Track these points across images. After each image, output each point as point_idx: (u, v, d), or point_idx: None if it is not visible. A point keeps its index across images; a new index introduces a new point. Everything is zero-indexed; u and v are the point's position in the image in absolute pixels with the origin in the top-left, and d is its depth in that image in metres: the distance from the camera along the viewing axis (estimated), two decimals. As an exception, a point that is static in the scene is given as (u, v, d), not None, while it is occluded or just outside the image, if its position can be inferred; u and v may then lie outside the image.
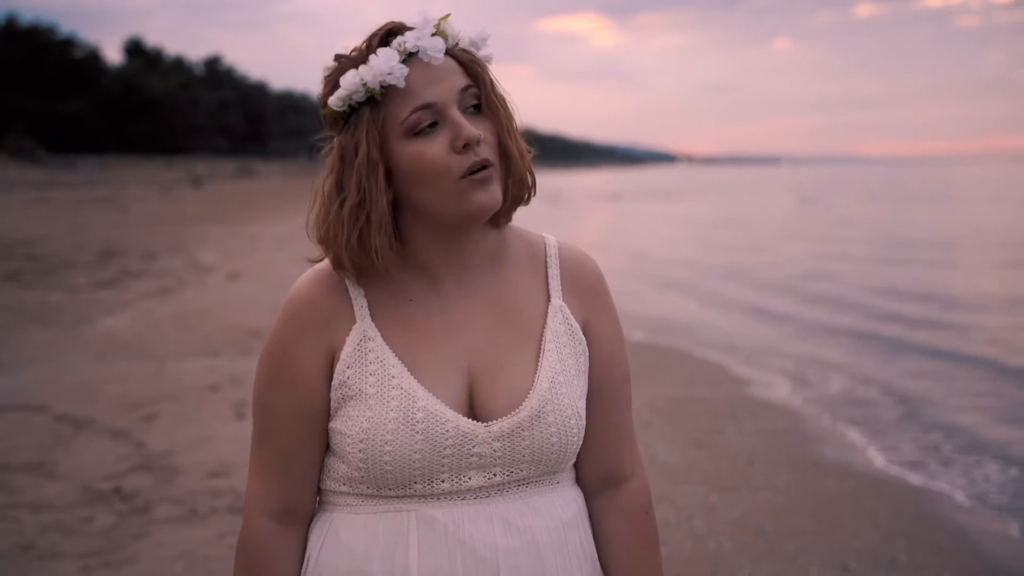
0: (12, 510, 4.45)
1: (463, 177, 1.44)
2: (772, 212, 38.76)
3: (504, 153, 1.51)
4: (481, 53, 1.53)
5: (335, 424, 1.51)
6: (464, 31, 1.52)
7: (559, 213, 35.03)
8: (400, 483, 1.48)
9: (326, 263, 1.54)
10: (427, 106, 1.44)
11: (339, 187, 1.46)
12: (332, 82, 1.49)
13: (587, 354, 1.61)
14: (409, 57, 1.45)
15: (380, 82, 1.43)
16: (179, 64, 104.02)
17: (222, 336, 8.72)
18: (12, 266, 12.82)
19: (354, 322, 1.52)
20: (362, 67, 1.44)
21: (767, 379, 8.20)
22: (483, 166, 1.46)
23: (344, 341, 1.51)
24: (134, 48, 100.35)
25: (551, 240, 1.66)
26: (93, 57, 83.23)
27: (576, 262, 1.65)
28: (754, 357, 9.23)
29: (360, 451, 1.47)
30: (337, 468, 1.54)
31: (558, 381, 1.54)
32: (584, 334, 1.61)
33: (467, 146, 1.44)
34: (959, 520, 4.94)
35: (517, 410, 1.50)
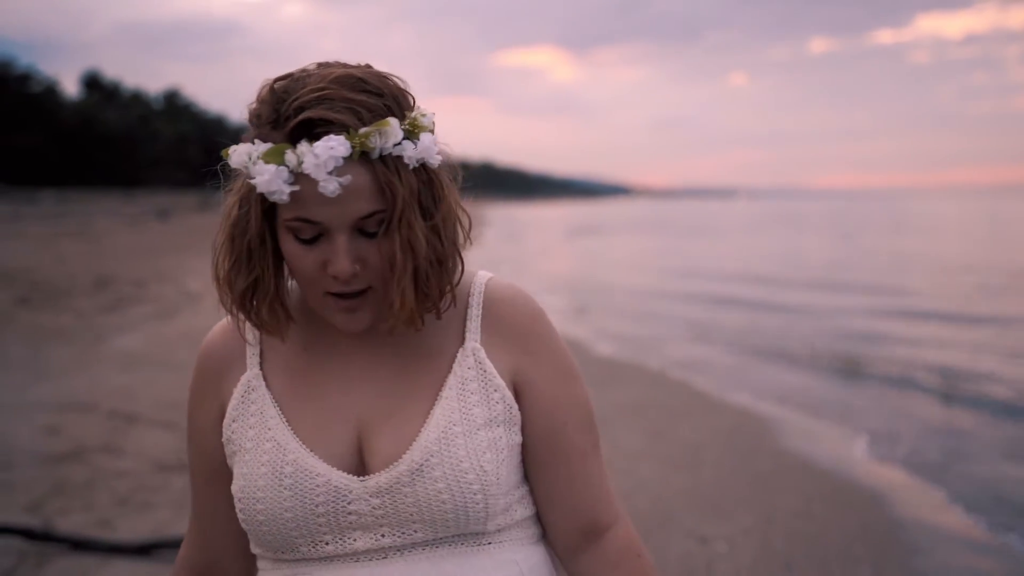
0: (100, 479, 5.46)
1: (329, 294, 1.33)
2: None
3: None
4: (422, 158, 1.31)
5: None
6: (408, 145, 1.29)
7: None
8: (284, 545, 1.38)
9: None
10: (311, 222, 1.28)
11: (232, 248, 1.35)
12: (251, 116, 1.33)
13: (508, 402, 1.43)
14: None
15: (261, 191, 1.27)
16: (137, 97, 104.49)
17: (230, 352, 9.73)
18: (20, 293, 13.76)
19: (244, 371, 1.44)
20: (257, 149, 1.28)
21: (718, 385, 9.36)
22: (354, 294, 1.33)
23: (232, 393, 1.43)
24: (92, 81, 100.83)
25: (480, 279, 1.49)
26: (51, 91, 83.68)
27: (504, 301, 1.47)
28: (707, 370, 10.42)
29: (240, 511, 1.38)
30: None
31: (453, 432, 1.37)
32: (516, 381, 1.45)
33: (335, 276, 1.30)
34: (867, 483, 6.09)
35: (395, 463, 1.36)
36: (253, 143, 1.29)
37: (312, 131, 1.25)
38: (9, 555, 4.32)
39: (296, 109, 1.25)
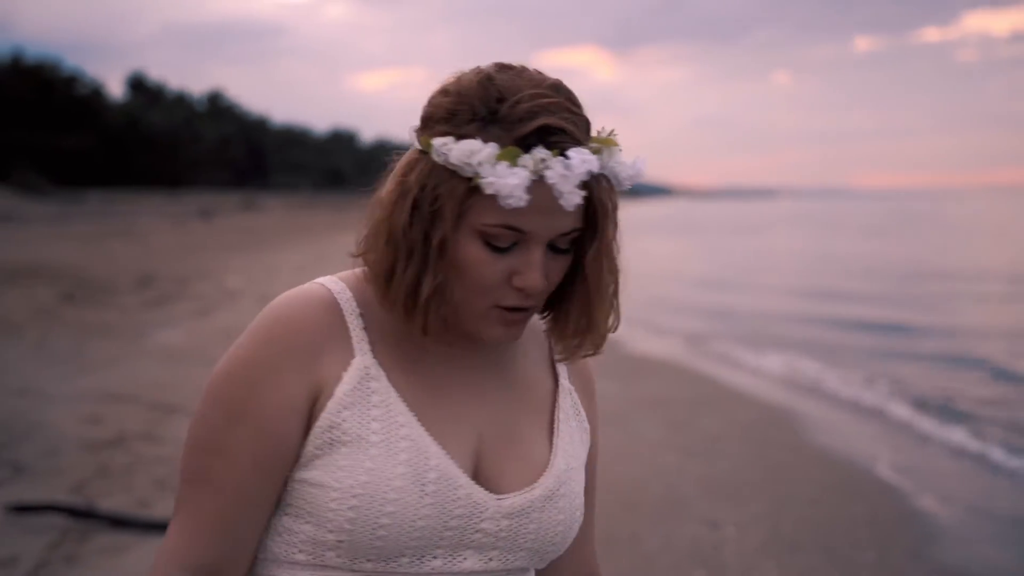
0: (139, 465, 5.75)
1: (497, 306, 1.27)
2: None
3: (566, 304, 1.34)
4: (628, 182, 1.28)
5: (310, 474, 1.26)
6: (626, 166, 1.27)
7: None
8: (387, 554, 1.26)
9: (315, 286, 1.33)
10: (518, 231, 1.21)
11: (410, 248, 1.23)
12: (445, 110, 1.23)
13: (588, 447, 1.46)
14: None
15: (495, 191, 1.17)
16: (181, 99, 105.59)
17: (267, 346, 10.04)
18: (66, 290, 14.19)
19: (352, 356, 1.29)
20: (487, 149, 1.18)
21: (738, 380, 9.54)
22: (524, 308, 1.28)
23: (340, 377, 1.27)
24: (137, 83, 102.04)
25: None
26: (97, 93, 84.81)
27: None
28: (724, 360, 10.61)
29: (351, 509, 1.23)
30: (297, 531, 1.28)
31: (572, 465, 1.39)
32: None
33: (522, 289, 1.24)
34: (881, 475, 6.25)
35: (532, 486, 1.33)
36: (476, 140, 1.19)
37: (547, 138, 1.19)
38: (54, 531, 4.61)
39: (529, 112, 1.20)
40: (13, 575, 4.14)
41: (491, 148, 1.18)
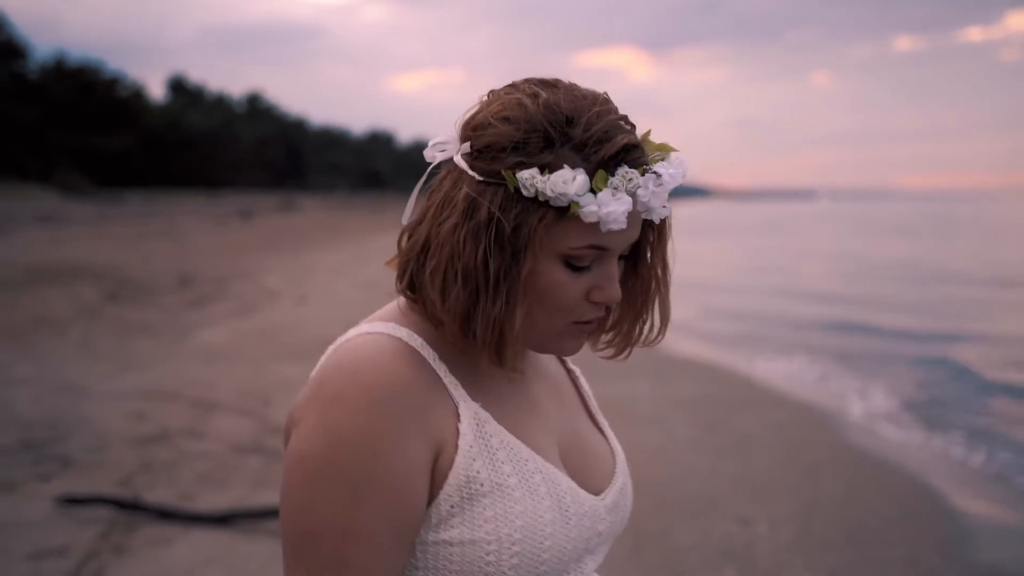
0: (183, 459, 5.90)
1: (575, 322, 1.27)
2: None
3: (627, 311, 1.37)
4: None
5: (448, 534, 1.21)
6: (677, 173, 1.25)
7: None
8: None
9: (384, 338, 1.24)
10: (602, 249, 1.22)
11: (496, 284, 1.18)
12: (513, 139, 1.19)
13: None
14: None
15: (598, 219, 1.17)
16: (221, 100, 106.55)
17: (306, 346, 10.13)
18: (109, 289, 14.45)
19: (453, 404, 1.24)
20: (580, 177, 1.16)
21: (772, 381, 9.57)
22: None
23: (456, 429, 1.22)
24: (177, 85, 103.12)
25: None
26: (138, 95, 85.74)
27: None
28: (760, 363, 10.64)
29: (514, 556, 1.21)
30: None
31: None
32: None
33: (603, 302, 1.26)
34: (915, 476, 6.29)
35: (614, 478, 1.38)
36: (565, 168, 1.17)
37: (626, 156, 1.20)
38: (103, 522, 4.77)
39: (604, 132, 1.20)
40: (65, 563, 4.29)
41: (582, 176, 1.17)
